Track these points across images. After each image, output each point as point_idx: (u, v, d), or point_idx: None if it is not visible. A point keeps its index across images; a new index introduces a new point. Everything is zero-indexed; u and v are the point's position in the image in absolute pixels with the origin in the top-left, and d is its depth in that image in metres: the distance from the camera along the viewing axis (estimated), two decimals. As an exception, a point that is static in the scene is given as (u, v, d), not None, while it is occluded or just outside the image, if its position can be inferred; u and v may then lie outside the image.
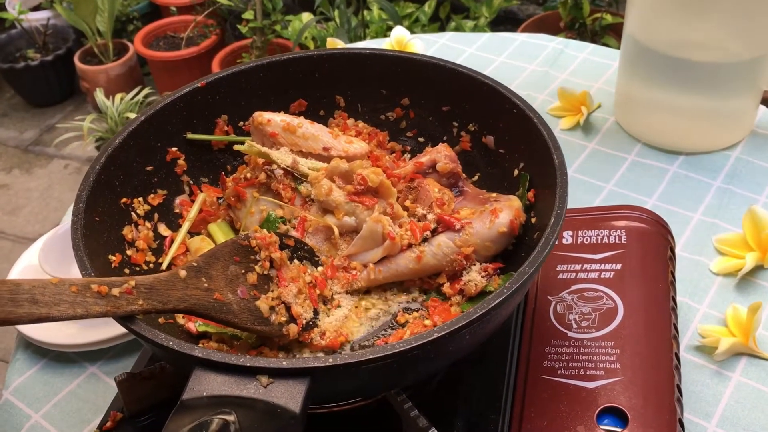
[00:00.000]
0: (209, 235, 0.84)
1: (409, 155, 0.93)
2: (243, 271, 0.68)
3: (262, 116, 0.83)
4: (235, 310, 0.66)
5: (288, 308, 0.70)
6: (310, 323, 0.72)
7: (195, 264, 0.65)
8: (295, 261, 0.74)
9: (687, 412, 0.80)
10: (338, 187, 0.78)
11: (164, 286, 0.62)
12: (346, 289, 0.77)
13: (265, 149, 0.81)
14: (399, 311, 0.76)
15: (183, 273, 0.63)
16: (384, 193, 0.78)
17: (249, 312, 0.67)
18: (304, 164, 0.81)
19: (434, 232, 0.77)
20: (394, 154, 0.92)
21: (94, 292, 0.57)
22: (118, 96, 2.30)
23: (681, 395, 0.74)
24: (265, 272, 0.70)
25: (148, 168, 0.83)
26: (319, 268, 0.76)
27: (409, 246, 0.77)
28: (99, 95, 2.28)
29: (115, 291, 0.58)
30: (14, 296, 0.53)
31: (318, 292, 0.74)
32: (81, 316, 0.56)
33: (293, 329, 0.69)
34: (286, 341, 0.71)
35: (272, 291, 0.70)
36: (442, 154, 0.83)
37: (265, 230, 0.74)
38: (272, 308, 0.69)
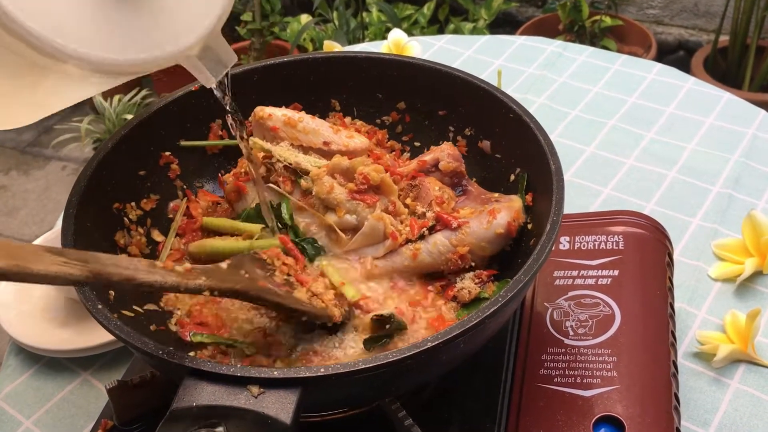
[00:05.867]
0: (205, 230, 0.84)
1: (408, 154, 0.92)
2: (268, 274, 0.70)
3: (264, 111, 0.83)
4: (281, 294, 0.68)
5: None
6: (347, 311, 0.73)
7: (230, 262, 0.66)
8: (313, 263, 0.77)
9: (685, 419, 0.79)
10: (339, 184, 0.77)
11: (215, 271, 0.63)
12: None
13: (268, 145, 0.80)
14: None
15: (224, 265, 0.65)
16: (385, 191, 0.77)
17: (293, 297, 0.69)
18: (306, 161, 0.80)
19: (432, 230, 0.77)
20: (393, 153, 0.91)
21: (160, 267, 0.58)
22: (116, 97, 2.30)
23: (678, 404, 0.73)
24: (285, 277, 0.71)
25: (141, 172, 0.83)
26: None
27: (407, 241, 0.76)
28: (97, 96, 2.27)
29: (179, 268, 0.59)
30: (98, 259, 0.55)
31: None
32: (160, 284, 0.57)
33: (336, 311, 0.70)
34: (335, 321, 0.71)
35: (299, 290, 0.71)
36: (445, 153, 0.83)
37: (269, 241, 0.76)
38: (310, 298, 0.70)
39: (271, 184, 0.80)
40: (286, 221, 0.79)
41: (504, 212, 0.75)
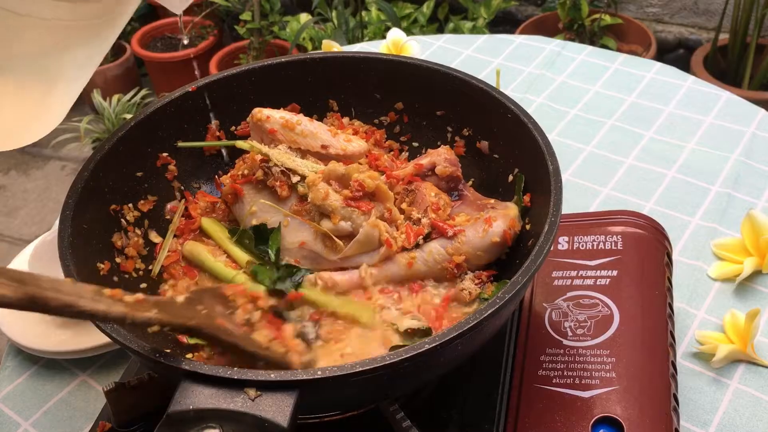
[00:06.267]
0: (202, 233, 0.84)
1: (407, 153, 0.92)
2: (228, 312, 0.67)
3: (262, 112, 0.82)
4: (237, 335, 0.65)
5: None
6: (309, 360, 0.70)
7: (188, 295, 0.64)
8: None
9: (684, 419, 0.79)
10: (335, 191, 0.77)
11: (168, 304, 0.60)
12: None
13: (265, 149, 0.80)
14: None
15: (181, 298, 0.62)
16: (381, 198, 0.77)
17: (250, 339, 0.66)
18: (303, 166, 0.80)
19: (428, 237, 0.76)
20: (392, 153, 0.91)
21: (107, 296, 0.56)
22: (115, 97, 2.29)
23: (678, 404, 0.72)
24: (247, 316, 0.68)
25: (138, 174, 0.82)
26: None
27: (403, 249, 0.76)
28: (96, 96, 2.27)
29: (128, 298, 0.57)
30: (37, 282, 0.51)
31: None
32: (103, 314, 0.54)
33: (296, 357, 0.67)
34: (291, 367, 0.68)
35: (259, 332, 0.68)
36: (441, 157, 0.82)
37: (243, 279, 0.75)
38: (270, 341, 0.67)
39: (264, 201, 0.79)
40: (273, 258, 0.78)
41: (500, 220, 0.74)
